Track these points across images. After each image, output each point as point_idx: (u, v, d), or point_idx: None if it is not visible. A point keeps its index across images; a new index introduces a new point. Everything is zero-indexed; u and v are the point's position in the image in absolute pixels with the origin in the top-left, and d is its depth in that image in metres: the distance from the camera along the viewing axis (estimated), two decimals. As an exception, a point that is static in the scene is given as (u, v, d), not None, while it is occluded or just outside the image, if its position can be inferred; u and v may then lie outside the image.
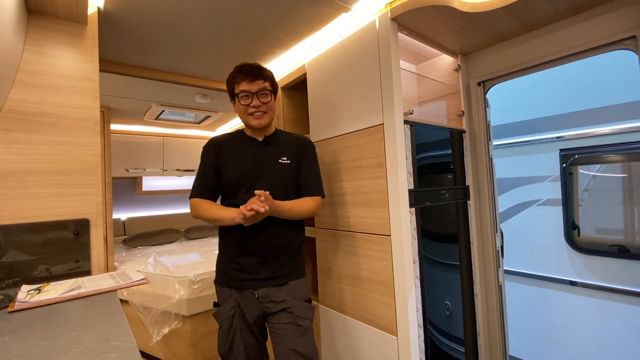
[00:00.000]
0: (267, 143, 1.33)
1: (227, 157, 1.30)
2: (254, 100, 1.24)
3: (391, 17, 1.29)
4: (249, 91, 1.23)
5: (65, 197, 1.14)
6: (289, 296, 1.25)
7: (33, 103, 1.11)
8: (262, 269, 1.24)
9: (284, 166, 1.30)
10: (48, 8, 1.12)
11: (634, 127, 1.74)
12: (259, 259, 1.24)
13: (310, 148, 1.39)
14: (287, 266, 1.28)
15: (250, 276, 1.24)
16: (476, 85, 1.61)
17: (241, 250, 1.25)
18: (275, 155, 1.31)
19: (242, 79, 1.24)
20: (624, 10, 1.17)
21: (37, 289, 0.95)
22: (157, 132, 3.36)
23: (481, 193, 1.64)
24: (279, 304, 1.24)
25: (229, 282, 1.26)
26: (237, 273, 1.25)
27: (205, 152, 1.33)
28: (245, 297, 1.24)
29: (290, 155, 1.33)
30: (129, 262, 2.51)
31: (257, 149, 1.31)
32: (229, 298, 1.26)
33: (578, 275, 1.95)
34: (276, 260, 1.25)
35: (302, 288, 1.30)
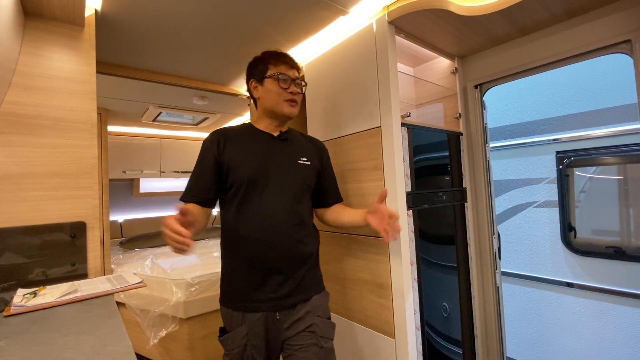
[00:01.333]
0: (284, 139, 1.19)
1: (234, 152, 1.10)
2: (292, 86, 1.13)
3: (388, 21, 1.30)
4: (289, 76, 1.12)
5: (61, 200, 1.14)
6: (312, 313, 1.10)
7: (30, 106, 1.10)
8: (284, 285, 1.06)
9: (305, 168, 1.18)
10: (45, 10, 1.12)
11: (629, 129, 1.75)
12: (280, 274, 1.06)
13: (328, 154, 1.33)
14: (309, 279, 1.13)
15: (271, 295, 1.05)
16: (473, 87, 1.62)
17: (258, 265, 1.05)
18: (294, 154, 1.17)
19: (280, 62, 1.13)
20: (619, 14, 1.18)
21: (33, 292, 0.94)
22: (154, 133, 3.35)
23: (478, 195, 1.65)
24: (299, 323, 1.08)
25: (242, 305, 1.06)
26: (253, 293, 1.05)
27: (205, 146, 1.12)
28: (262, 322, 1.05)
29: (311, 157, 1.21)
30: (125, 265, 2.50)
31: (272, 145, 1.16)
32: (241, 324, 1.05)
33: (574, 276, 1.96)
34: (297, 274, 1.09)
35: (324, 303, 1.16)
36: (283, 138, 1.18)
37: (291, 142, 1.20)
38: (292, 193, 1.11)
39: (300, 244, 1.10)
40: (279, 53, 1.17)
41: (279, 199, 1.09)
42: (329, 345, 1.12)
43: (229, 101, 2.47)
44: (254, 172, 1.08)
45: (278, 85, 1.11)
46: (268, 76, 1.13)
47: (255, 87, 1.17)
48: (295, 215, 1.11)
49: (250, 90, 1.20)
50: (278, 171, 1.11)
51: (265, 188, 1.08)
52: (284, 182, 1.11)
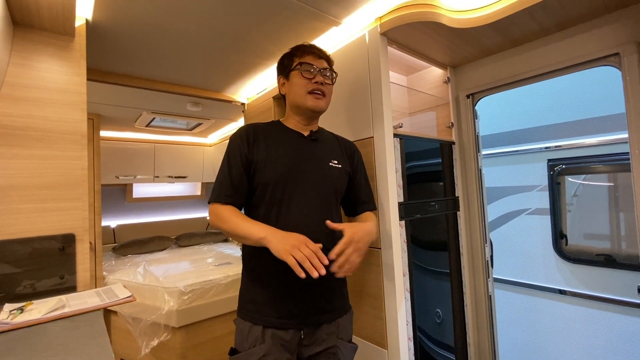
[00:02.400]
0: (314, 139, 1.10)
1: (262, 150, 1.01)
2: (317, 76, 1.04)
3: (381, 32, 1.31)
4: (315, 66, 1.04)
5: (50, 212, 1.12)
6: (335, 335, 1.03)
7: (18, 117, 1.09)
8: (312, 300, 0.99)
9: (336, 171, 1.09)
10: (34, 21, 1.11)
11: (618, 138, 1.78)
12: (307, 291, 0.98)
13: (361, 155, 1.22)
14: (338, 297, 1.06)
15: (299, 311, 0.97)
16: (465, 97, 1.63)
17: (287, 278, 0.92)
18: (325, 156, 1.08)
19: (307, 53, 1.06)
20: (608, 27, 1.20)
21: (19, 308, 0.93)
22: (148, 138, 3.33)
23: (470, 204, 1.66)
24: (322, 343, 1.01)
25: (264, 320, 0.97)
26: (282, 308, 0.97)
27: (234, 143, 1.03)
28: (285, 339, 0.97)
29: (342, 159, 1.12)
30: (118, 272, 2.47)
31: (302, 145, 1.07)
32: (259, 341, 0.95)
33: (566, 284, 1.98)
34: (327, 291, 1.02)
35: (349, 325, 1.10)
36: (313, 138, 1.10)
37: (322, 142, 1.12)
38: (323, 198, 1.03)
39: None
40: (306, 44, 1.10)
41: (309, 205, 1.00)
42: None
43: (223, 107, 2.46)
44: (282, 174, 0.99)
45: (302, 76, 1.04)
46: (293, 68, 1.06)
47: (282, 84, 1.12)
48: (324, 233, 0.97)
49: (279, 87, 1.14)
50: (308, 174, 1.02)
51: (294, 192, 1.00)
52: (315, 186, 1.02)
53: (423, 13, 1.22)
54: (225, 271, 2.34)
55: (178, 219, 3.85)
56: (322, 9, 1.27)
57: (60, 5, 1.04)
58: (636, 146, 1.13)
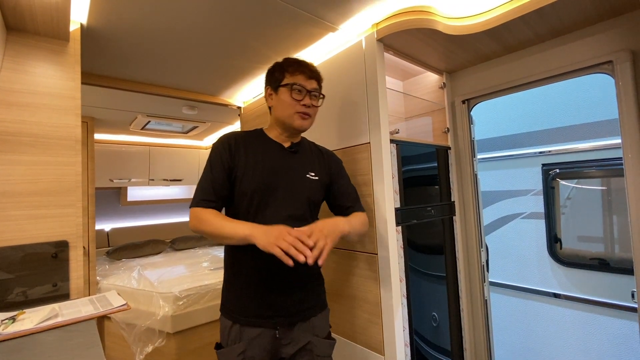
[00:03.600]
0: (294, 151, 1.13)
1: (243, 159, 1.05)
2: (306, 98, 1.07)
3: (377, 38, 1.31)
4: (304, 87, 1.07)
5: (43, 219, 1.11)
6: (310, 333, 1.07)
7: (10, 122, 1.07)
8: (284, 303, 1.03)
9: (311, 183, 1.12)
10: (28, 25, 1.10)
11: (612, 144, 1.80)
12: (280, 291, 1.03)
13: (341, 163, 1.24)
14: (311, 298, 1.10)
15: (273, 312, 1.02)
16: (461, 102, 1.64)
17: (257, 280, 1.02)
18: (302, 168, 1.11)
19: (299, 72, 1.07)
20: (602, 35, 1.22)
21: (11, 318, 0.91)
22: (143, 141, 3.30)
23: (466, 209, 1.66)
24: (298, 341, 1.05)
25: (243, 319, 1.02)
26: (257, 308, 1.02)
27: (216, 150, 1.06)
28: (261, 337, 1.02)
29: (319, 171, 1.15)
30: (112, 276, 2.45)
31: (282, 157, 1.10)
32: (239, 339, 1.01)
33: (561, 287, 2.00)
34: (299, 293, 1.06)
35: (324, 323, 1.13)
36: (293, 150, 1.13)
37: (301, 154, 1.15)
38: (296, 209, 1.06)
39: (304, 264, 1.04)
40: (298, 61, 1.11)
41: (282, 215, 1.03)
42: None
43: (218, 111, 2.45)
44: (259, 184, 1.03)
45: (291, 96, 1.06)
46: (283, 85, 1.08)
47: (270, 95, 1.12)
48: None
49: (266, 97, 1.15)
50: (284, 185, 1.06)
51: (269, 202, 1.03)
52: (289, 198, 1.05)
53: (419, 20, 1.23)
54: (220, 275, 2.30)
55: (173, 222, 3.82)
56: (318, 14, 1.27)
57: (55, 10, 1.03)
58: (629, 151, 1.14)
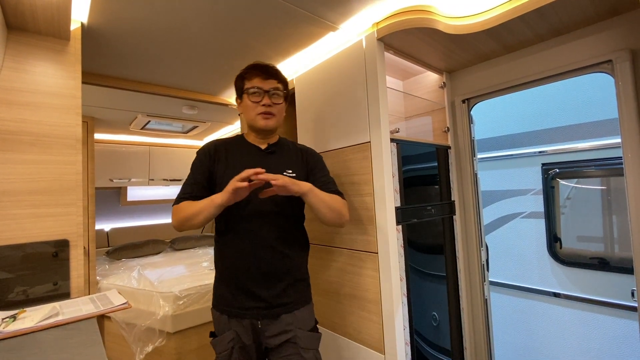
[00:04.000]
0: (271, 152, 1.20)
1: (223, 165, 1.14)
2: (264, 98, 1.13)
3: (378, 37, 1.31)
4: (262, 88, 1.12)
5: (43, 218, 1.11)
6: (293, 326, 1.11)
7: (11, 121, 1.07)
8: (264, 297, 1.09)
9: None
10: (29, 24, 1.10)
11: (611, 143, 1.80)
12: (259, 285, 1.09)
13: (319, 157, 1.28)
14: (292, 292, 1.13)
15: (252, 304, 1.09)
16: (461, 102, 1.65)
17: (239, 275, 1.10)
18: (279, 167, 1.16)
19: (255, 75, 1.14)
20: (601, 34, 1.22)
21: (12, 316, 0.91)
22: (143, 141, 3.30)
23: (466, 208, 1.66)
24: (282, 335, 1.10)
25: (228, 310, 1.11)
26: (236, 300, 1.10)
27: (198, 158, 1.17)
28: (245, 327, 1.09)
29: (297, 167, 1.19)
30: (112, 276, 2.44)
31: (259, 158, 1.17)
32: (228, 328, 1.10)
33: (561, 287, 2.00)
34: (278, 286, 1.11)
35: (308, 316, 1.17)
36: (270, 151, 1.20)
37: (279, 154, 1.21)
38: (277, 206, 1.11)
39: (284, 257, 1.12)
40: (254, 65, 1.17)
41: (262, 212, 1.10)
42: (310, 356, 1.12)
43: (219, 110, 2.45)
44: None
45: (250, 100, 1.14)
46: (244, 91, 1.15)
47: (239, 104, 1.21)
48: (278, 229, 1.12)
49: (237, 107, 1.24)
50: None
51: (249, 202, 1.08)
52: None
53: (419, 19, 1.23)
54: (221, 275, 2.31)
55: (173, 222, 3.81)
56: (319, 14, 1.27)
57: (56, 9, 1.03)
58: (629, 150, 1.15)
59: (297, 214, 1.21)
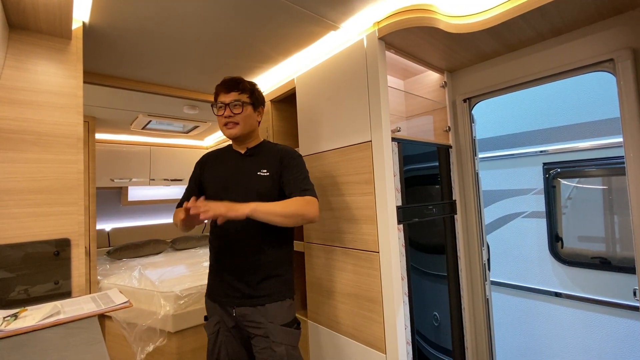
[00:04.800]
0: (249, 155, 1.31)
1: (209, 172, 1.33)
2: (226, 110, 1.24)
3: (379, 37, 1.31)
4: (223, 102, 1.24)
5: (45, 217, 1.11)
6: (265, 319, 1.18)
7: (13, 120, 1.08)
8: (237, 287, 1.21)
9: (262, 179, 1.24)
10: (31, 23, 1.10)
11: (612, 142, 1.80)
12: (235, 277, 1.21)
13: (294, 157, 1.29)
14: (265, 286, 1.21)
15: (230, 293, 1.22)
16: (462, 101, 1.64)
17: (220, 265, 1.26)
18: (253, 168, 1.26)
19: (219, 91, 1.27)
20: (602, 33, 1.22)
21: (13, 315, 0.91)
22: (143, 141, 3.30)
23: (467, 207, 1.66)
24: (256, 328, 1.19)
25: (212, 297, 1.28)
26: (217, 289, 1.26)
27: (195, 167, 1.39)
28: (227, 313, 1.24)
29: (271, 167, 1.26)
30: (112, 276, 2.44)
31: (238, 161, 1.31)
32: (214, 313, 1.26)
33: (562, 286, 1.99)
34: (252, 279, 1.20)
35: (280, 311, 1.21)
36: (249, 154, 1.31)
37: (256, 156, 1.31)
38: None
39: (257, 253, 1.22)
40: (220, 83, 1.27)
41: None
42: (281, 350, 1.16)
43: (219, 110, 2.45)
44: (217, 188, 1.27)
45: (217, 114, 1.27)
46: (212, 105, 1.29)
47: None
48: (251, 225, 1.18)
49: None
50: (236, 185, 1.25)
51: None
52: (240, 194, 1.19)
53: (420, 18, 1.23)
54: (221, 275, 2.31)
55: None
56: (320, 13, 1.27)
57: (57, 8, 1.03)
58: (630, 150, 1.14)
59: None
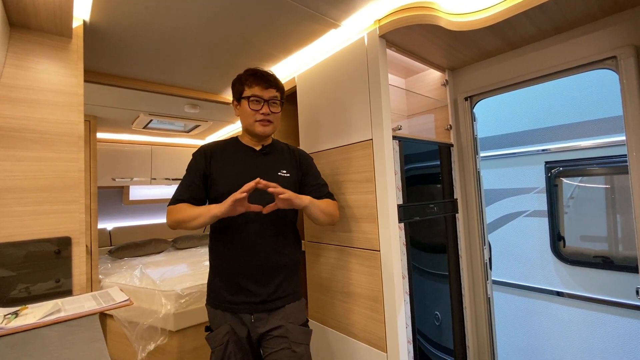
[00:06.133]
0: (265, 153, 1.25)
1: (218, 166, 1.19)
2: (264, 107, 1.18)
3: (379, 35, 1.31)
4: (261, 97, 1.18)
5: (46, 215, 1.11)
6: (285, 320, 1.16)
7: (14, 118, 1.08)
8: (258, 291, 1.14)
9: (284, 179, 1.22)
10: (32, 22, 1.10)
11: (615, 141, 1.79)
12: (254, 280, 1.14)
13: (310, 159, 1.35)
14: (285, 287, 1.18)
15: (246, 299, 1.14)
16: (463, 100, 1.64)
17: (234, 270, 1.15)
18: (273, 167, 1.22)
19: (255, 83, 1.18)
20: (605, 30, 1.21)
21: (14, 312, 0.91)
22: (145, 140, 3.31)
23: (469, 206, 1.66)
24: (274, 329, 1.15)
25: (222, 305, 1.16)
26: (231, 296, 1.15)
27: (193, 159, 1.22)
28: (239, 321, 1.15)
29: (291, 168, 1.25)
30: (114, 275, 2.45)
31: (253, 159, 1.23)
32: (223, 322, 1.16)
33: (564, 285, 1.98)
34: (272, 281, 1.16)
35: (299, 311, 1.21)
36: (265, 152, 1.25)
37: (273, 155, 1.26)
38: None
39: (277, 254, 1.17)
40: (254, 73, 1.20)
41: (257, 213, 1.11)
42: (301, 350, 1.15)
43: (221, 109, 2.45)
44: (234, 185, 1.10)
45: (250, 107, 1.18)
46: (243, 97, 1.20)
47: (236, 106, 1.25)
48: (272, 227, 1.17)
49: (234, 109, 1.28)
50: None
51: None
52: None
53: (421, 16, 1.22)
54: (222, 274, 2.31)
55: (175, 221, 3.82)
56: (321, 11, 1.27)
57: (58, 6, 1.03)
58: (633, 148, 1.14)
59: (289, 212, 1.24)
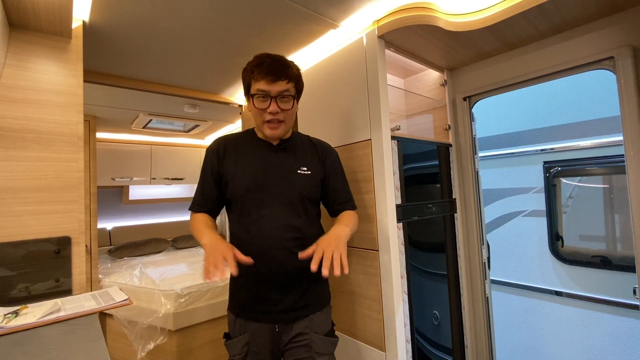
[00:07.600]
0: (283, 148, 1.11)
1: (232, 164, 1.08)
2: (271, 104, 1.01)
3: (378, 35, 1.31)
4: (268, 93, 1.00)
5: (45, 215, 1.11)
6: (309, 329, 1.07)
7: (13, 119, 1.08)
8: (283, 299, 1.04)
9: (304, 178, 1.09)
10: (31, 22, 1.10)
11: (613, 141, 1.79)
12: (278, 289, 1.04)
13: (336, 155, 1.20)
14: (311, 294, 1.09)
15: (269, 307, 1.04)
16: (462, 100, 1.64)
17: (257, 279, 1.04)
18: (293, 164, 1.09)
19: (261, 76, 0.99)
20: (603, 31, 1.21)
21: (14, 312, 0.92)
22: (144, 140, 3.31)
23: (467, 206, 1.66)
24: (298, 338, 1.07)
25: (243, 313, 1.07)
26: (253, 304, 1.06)
27: (207, 157, 1.12)
28: (262, 331, 1.05)
29: (312, 164, 1.12)
30: (114, 274, 2.45)
31: (270, 155, 1.09)
32: (243, 331, 1.06)
33: (562, 285, 1.99)
34: (298, 288, 1.06)
35: (324, 319, 1.11)
36: (282, 147, 1.11)
37: (292, 150, 1.13)
38: (290, 206, 1.05)
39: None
40: (260, 62, 1.02)
41: (276, 213, 1.04)
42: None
43: (220, 109, 2.46)
44: (250, 185, 1.05)
45: (255, 106, 1.03)
46: (251, 94, 1.04)
47: (248, 101, 1.09)
48: (293, 229, 1.05)
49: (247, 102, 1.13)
50: (274, 184, 1.05)
51: (262, 201, 1.04)
52: (281, 195, 1.05)
53: (420, 16, 1.23)
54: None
55: (174, 221, 3.83)
56: (319, 11, 1.27)
57: (57, 7, 1.03)
58: (631, 148, 1.14)
59: (315, 214, 1.14)
